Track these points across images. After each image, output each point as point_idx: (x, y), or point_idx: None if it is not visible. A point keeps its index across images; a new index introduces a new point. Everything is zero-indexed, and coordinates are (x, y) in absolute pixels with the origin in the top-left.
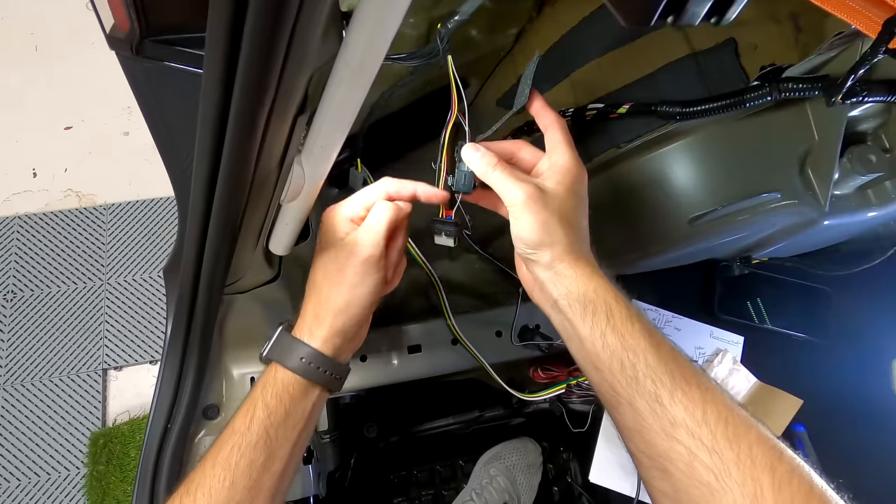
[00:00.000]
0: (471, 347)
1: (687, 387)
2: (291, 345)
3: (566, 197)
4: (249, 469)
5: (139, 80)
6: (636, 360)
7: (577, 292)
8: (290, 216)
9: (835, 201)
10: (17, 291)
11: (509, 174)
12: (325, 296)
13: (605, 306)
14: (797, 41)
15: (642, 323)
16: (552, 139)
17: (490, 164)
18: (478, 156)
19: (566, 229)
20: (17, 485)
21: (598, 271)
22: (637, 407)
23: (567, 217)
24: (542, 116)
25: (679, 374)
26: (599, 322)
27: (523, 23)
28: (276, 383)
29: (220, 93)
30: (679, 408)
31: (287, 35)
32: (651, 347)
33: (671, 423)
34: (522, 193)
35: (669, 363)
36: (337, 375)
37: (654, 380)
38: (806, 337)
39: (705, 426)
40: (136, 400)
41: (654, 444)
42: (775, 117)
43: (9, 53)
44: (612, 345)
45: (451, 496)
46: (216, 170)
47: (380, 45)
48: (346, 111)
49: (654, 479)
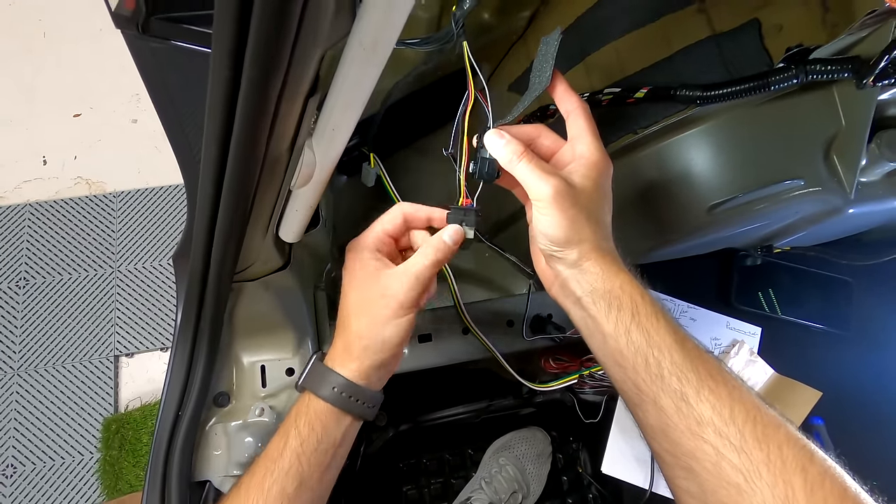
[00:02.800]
0: (482, 337)
1: (714, 384)
2: (324, 374)
3: (593, 192)
4: (281, 496)
5: (146, 60)
6: (661, 357)
7: (603, 289)
8: (301, 202)
9: (861, 189)
10: (30, 279)
11: (536, 166)
12: (357, 333)
13: (630, 303)
14: (824, 21)
15: (667, 319)
16: (576, 127)
17: (516, 154)
18: (502, 143)
19: (593, 227)
20: (33, 468)
21: (623, 267)
22: (662, 405)
23: (594, 214)
24: (565, 101)
25: (705, 371)
26: (624, 318)
27: (537, 5)
28: (308, 412)
29: (230, 72)
30: (706, 406)
31: (299, 10)
32: (676, 344)
33: (697, 422)
34: (550, 188)
35: (695, 360)
36: (370, 405)
37: (680, 377)
38: (825, 328)
39: (733, 425)
40: (147, 386)
41: (679, 442)
42: (800, 101)
43: (18, 40)
44: (637, 341)
45: (461, 485)
46: (225, 153)
47: (395, 21)
48: (358, 93)
49: (679, 479)
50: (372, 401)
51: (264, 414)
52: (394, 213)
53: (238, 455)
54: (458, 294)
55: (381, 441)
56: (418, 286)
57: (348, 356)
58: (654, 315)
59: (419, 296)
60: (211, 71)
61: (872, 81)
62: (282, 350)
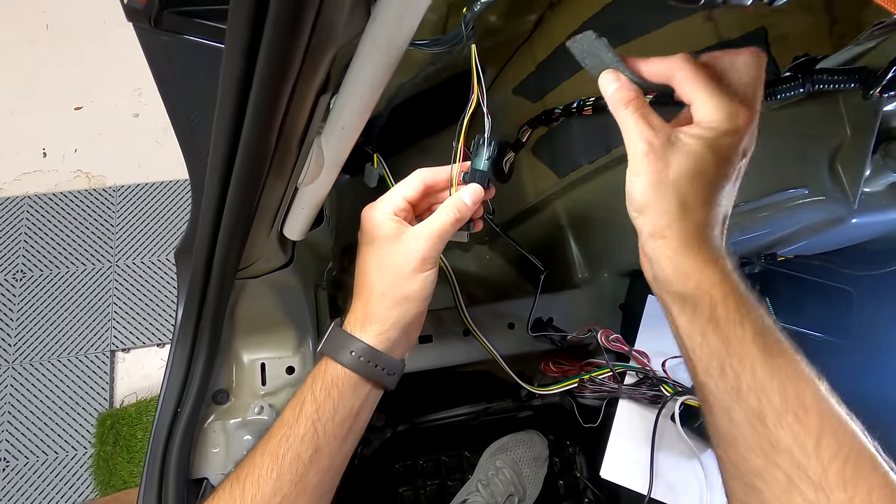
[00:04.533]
0: (482, 338)
1: (802, 411)
2: (344, 339)
3: (707, 165)
4: (296, 462)
5: (156, 54)
6: (741, 370)
7: (674, 280)
8: (307, 200)
9: (864, 199)
10: (27, 271)
11: (641, 116)
12: (380, 292)
13: (708, 303)
14: (831, 32)
15: (756, 326)
16: (688, 88)
17: (622, 101)
18: (613, 88)
19: (684, 202)
20: (26, 462)
21: (710, 259)
22: (734, 417)
23: (697, 190)
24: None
25: (794, 394)
26: (699, 319)
27: (543, 9)
28: (325, 377)
29: (242, 67)
30: (786, 432)
31: (315, 8)
32: (762, 356)
33: (772, 445)
34: (644, 143)
35: (785, 381)
36: (390, 371)
37: (760, 396)
38: (825, 337)
39: (816, 458)
40: (143, 382)
41: (747, 458)
42: (805, 110)
43: (20, 32)
44: (714, 346)
45: (457, 487)
46: (234, 149)
47: (410, 20)
48: (370, 92)
49: (740, 493)
50: (392, 368)
51: (263, 412)
52: (413, 179)
53: (236, 453)
54: (460, 296)
55: (378, 442)
56: (440, 243)
57: (369, 319)
58: (738, 322)
59: (440, 252)
60: (223, 67)
61: (879, 92)
62: (282, 348)
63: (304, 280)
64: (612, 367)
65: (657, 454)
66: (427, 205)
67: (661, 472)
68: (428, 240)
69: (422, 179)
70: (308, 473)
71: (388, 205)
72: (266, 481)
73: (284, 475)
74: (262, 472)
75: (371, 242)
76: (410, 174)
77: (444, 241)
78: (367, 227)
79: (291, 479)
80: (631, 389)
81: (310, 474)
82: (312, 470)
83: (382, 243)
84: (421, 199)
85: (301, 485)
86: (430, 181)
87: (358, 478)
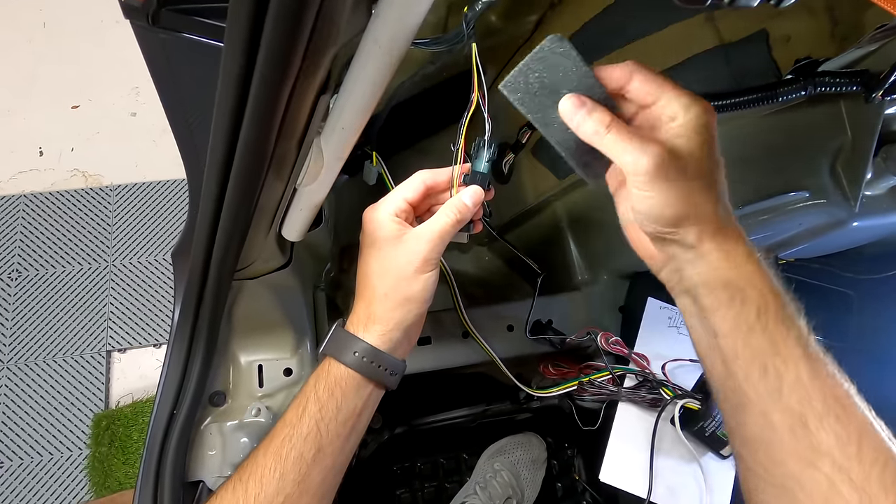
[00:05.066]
0: (481, 340)
1: (843, 414)
2: (346, 340)
3: (704, 158)
4: (299, 462)
5: (154, 53)
6: (784, 371)
7: (726, 278)
8: (306, 201)
9: (865, 202)
10: (22, 271)
11: (628, 134)
12: (382, 293)
13: (758, 299)
14: (833, 34)
15: (800, 329)
16: (650, 87)
17: (602, 125)
18: (582, 114)
19: (712, 199)
20: (20, 463)
21: (753, 253)
22: (772, 420)
23: (710, 182)
24: (613, 73)
25: (833, 398)
26: (747, 316)
27: (544, 9)
28: (328, 377)
29: (242, 66)
30: (829, 435)
31: (316, 7)
32: (805, 359)
33: (813, 449)
34: (649, 158)
35: (825, 382)
36: (392, 371)
37: (803, 398)
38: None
39: (858, 462)
40: (139, 382)
41: (783, 462)
42: (806, 113)
43: (17, 30)
44: (758, 346)
45: (455, 489)
46: (233, 149)
47: (412, 19)
48: (371, 91)
49: (767, 495)
50: (394, 368)
51: (261, 414)
52: (414, 181)
53: (233, 455)
54: (459, 297)
55: (375, 444)
56: (441, 245)
57: (372, 320)
58: (784, 320)
59: (441, 254)
60: (222, 65)
61: (881, 96)
62: (280, 350)
63: (303, 281)
64: (611, 369)
65: (656, 457)
66: (427, 206)
67: (661, 475)
68: (429, 241)
69: (422, 181)
70: (311, 473)
71: (389, 206)
72: (269, 481)
73: (288, 475)
74: (265, 471)
75: (373, 244)
76: (411, 176)
77: (445, 243)
78: (369, 228)
79: (294, 479)
80: (630, 392)
81: (313, 474)
82: (315, 469)
83: (384, 245)
84: (421, 200)
85: (304, 484)
86: (431, 182)
87: (355, 480)
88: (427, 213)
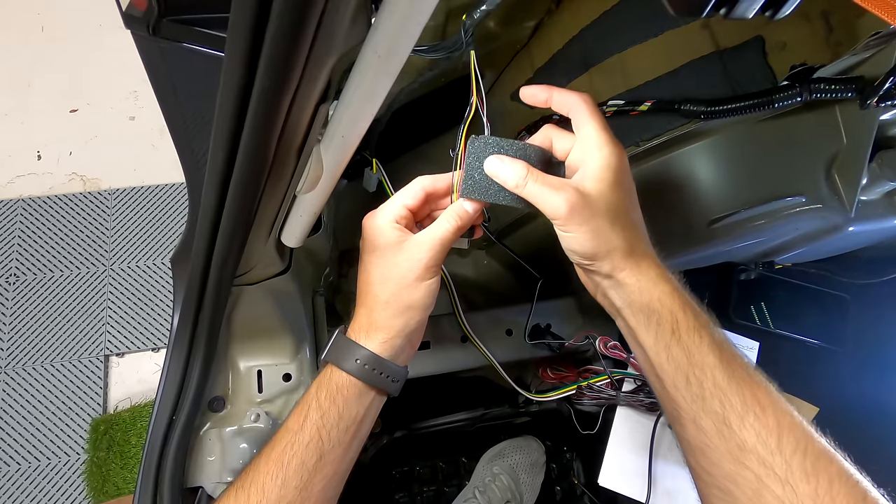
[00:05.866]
0: (480, 345)
1: (761, 411)
2: (348, 347)
3: (611, 194)
4: (301, 469)
5: (154, 62)
6: (703, 378)
7: (640, 302)
8: (306, 207)
9: (861, 207)
10: (20, 275)
11: (543, 183)
12: (384, 301)
13: (670, 318)
14: (828, 41)
15: (712, 337)
16: (578, 121)
17: (520, 177)
18: (504, 167)
19: (621, 232)
20: (18, 469)
21: (663, 275)
22: (702, 425)
23: (619, 217)
24: (563, 102)
25: (751, 396)
26: (664, 334)
27: (542, 15)
28: (330, 385)
29: (243, 76)
30: (750, 433)
31: (316, 18)
32: (721, 364)
33: (739, 448)
34: (564, 203)
35: (741, 383)
36: (394, 378)
37: (723, 401)
38: (821, 344)
39: (779, 455)
40: (137, 387)
41: (718, 464)
42: (802, 119)
43: (15, 34)
44: (678, 358)
45: (454, 493)
46: (233, 156)
47: (411, 30)
48: (370, 100)
49: (715, 498)
50: (396, 375)
51: (260, 420)
52: (414, 187)
53: (232, 461)
54: (458, 302)
55: (374, 448)
56: (442, 251)
57: (373, 327)
58: (696, 331)
59: (442, 261)
60: (223, 75)
61: (876, 102)
62: (279, 355)
63: (302, 287)
64: (609, 373)
65: (655, 461)
66: (427, 211)
67: (659, 479)
68: (430, 248)
69: (422, 187)
70: (313, 480)
71: (389, 213)
72: (271, 488)
73: (289, 482)
74: (266, 479)
75: (373, 251)
76: (411, 182)
77: (446, 249)
78: (369, 235)
79: (296, 486)
80: (629, 396)
81: (314, 481)
82: (317, 477)
83: (385, 252)
84: (421, 206)
85: (306, 491)
86: (431, 189)
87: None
88: (426, 219)
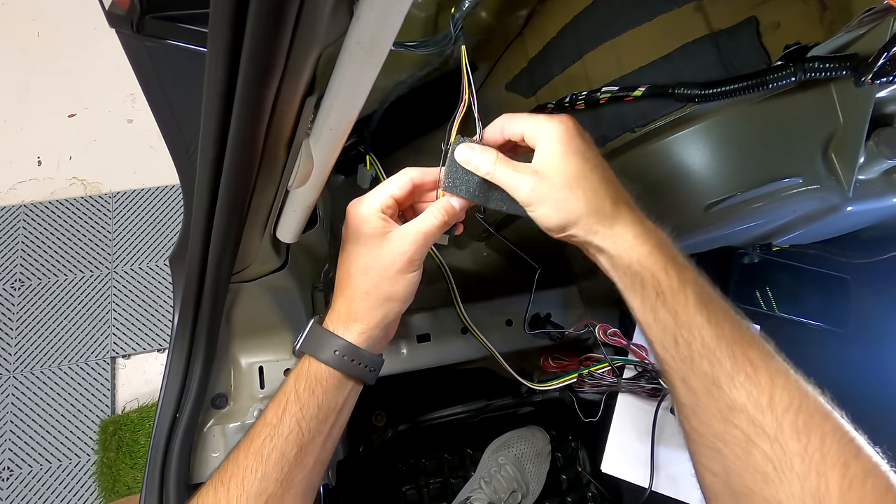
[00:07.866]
0: (480, 336)
1: (752, 370)
2: (325, 337)
3: (565, 163)
4: (281, 462)
5: (141, 60)
6: (691, 339)
7: (622, 265)
8: (298, 202)
9: (859, 186)
10: (25, 280)
11: (510, 167)
12: (364, 291)
13: (652, 280)
14: (822, 19)
15: (699, 295)
16: (515, 123)
17: (490, 161)
18: (474, 154)
19: (583, 196)
20: (29, 471)
21: (641, 234)
22: (692, 385)
23: (579, 182)
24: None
25: (742, 355)
26: (649, 297)
27: (534, 4)
28: (308, 376)
29: (226, 71)
30: (741, 392)
31: (295, 9)
32: (709, 324)
33: (729, 407)
34: (526, 184)
35: (731, 343)
36: (371, 367)
37: (712, 361)
38: (823, 326)
39: (770, 413)
40: (144, 388)
41: (708, 423)
42: (798, 99)
43: (11, 39)
44: (664, 320)
45: (460, 484)
46: (222, 153)
47: (393, 19)
48: (356, 92)
49: (704, 457)
50: (373, 364)
51: None
52: (402, 177)
53: None
54: (457, 294)
55: (379, 441)
56: (426, 246)
57: (352, 318)
58: (681, 291)
59: (425, 254)
60: (206, 70)
61: (871, 79)
62: (280, 351)
63: (300, 282)
64: (610, 361)
65: (657, 447)
66: (411, 202)
67: (662, 464)
68: (414, 241)
69: (410, 178)
70: (294, 472)
71: (374, 201)
72: (251, 482)
73: (270, 475)
74: (246, 472)
75: (357, 240)
76: (399, 171)
77: (429, 244)
78: (353, 223)
79: (277, 479)
80: (630, 383)
81: (295, 472)
82: (298, 468)
83: (368, 241)
84: (409, 196)
85: (287, 483)
86: (419, 180)
87: (361, 477)
88: (410, 210)
